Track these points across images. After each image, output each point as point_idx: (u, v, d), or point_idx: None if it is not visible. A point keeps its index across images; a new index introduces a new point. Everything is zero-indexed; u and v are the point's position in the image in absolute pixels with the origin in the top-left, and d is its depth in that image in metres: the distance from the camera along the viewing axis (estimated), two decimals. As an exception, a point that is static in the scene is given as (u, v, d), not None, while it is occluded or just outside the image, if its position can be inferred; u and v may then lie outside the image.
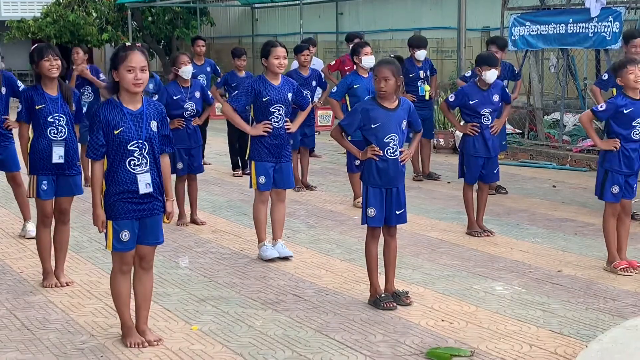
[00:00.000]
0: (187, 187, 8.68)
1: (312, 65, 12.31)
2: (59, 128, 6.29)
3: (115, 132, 4.87)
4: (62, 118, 6.30)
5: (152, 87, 10.46)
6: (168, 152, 5.14)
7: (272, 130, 6.98)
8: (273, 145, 7.01)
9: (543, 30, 12.63)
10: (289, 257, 7.15)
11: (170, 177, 5.30)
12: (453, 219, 8.68)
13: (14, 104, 7.17)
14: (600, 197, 6.73)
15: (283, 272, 6.79)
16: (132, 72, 4.84)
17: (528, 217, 8.83)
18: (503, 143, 9.99)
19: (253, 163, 7.05)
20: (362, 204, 5.95)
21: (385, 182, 5.81)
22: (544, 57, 13.63)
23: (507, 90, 8.38)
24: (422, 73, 10.73)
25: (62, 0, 25.86)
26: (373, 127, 5.76)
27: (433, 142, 12.68)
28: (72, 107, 6.37)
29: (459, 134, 8.25)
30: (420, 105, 10.20)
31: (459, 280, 6.51)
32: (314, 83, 10.41)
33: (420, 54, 10.68)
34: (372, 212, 5.83)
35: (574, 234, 8.02)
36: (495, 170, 8.08)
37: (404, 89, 5.92)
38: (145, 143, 4.93)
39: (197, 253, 7.45)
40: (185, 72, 8.48)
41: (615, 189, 6.63)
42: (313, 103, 10.54)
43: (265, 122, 6.98)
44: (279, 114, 7.01)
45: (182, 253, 7.41)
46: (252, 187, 7.13)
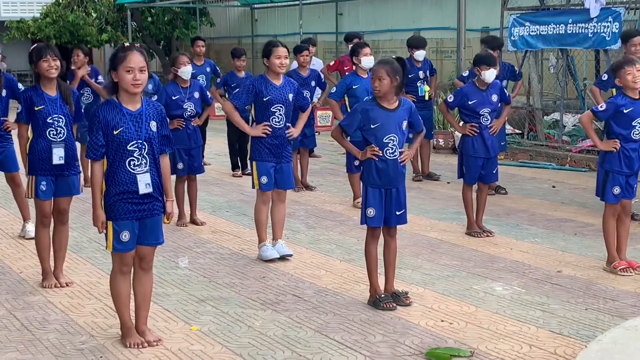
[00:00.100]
0: (186, 187, 8.68)
1: (312, 65, 12.31)
2: (58, 129, 6.29)
3: (115, 132, 4.87)
4: (61, 119, 6.30)
5: (151, 87, 10.46)
6: (168, 152, 5.15)
7: (271, 132, 6.99)
8: (274, 146, 7.02)
9: (542, 31, 12.63)
10: (289, 256, 7.15)
11: (170, 177, 5.30)
12: (453, 219, 8.68)
13: (13, 104, 7.17)
14: (602, 198, 6.73)
15: (283, 272, 6.79)
16: (131, 72, 4.84)
17: (528, 217, 8.83)
18: (502, 144, 9.99)
19: (254, 163, 7.05)
20: (361, 204, 5.96)
21: (385, 182, 5.81)
22: (544, 57, 13.64)
23: (505, 91, 8.38)
24: (421, 73, 10.73)
25: (61, 1, 25.87)
26: (372, 127, 5.76)
27: (432, 142, 12.68)
28: (71, 108, 6.37)
29: (459, 135, 8.25)
30: (420, 106, 10.18)
31: (459, 281, 6.51)
32: (313, 83, 10.39)
33: (419, 54, 10.68)
34: (371, 212, 5.83)
35: (574, 234, 8.02)
36: (495, 171, 8.08)
37: (404, 90, 5.90)
38: (145, 143, 4.93)
39: (196, 253, 7.44)
40: (185, 72, 8.48)
41: (617, 190, 6.63)
42: (312, 103, 10.54)
43: (265, 123, 6.98)
44: (280, 114, 7.01)
45: (181, 253, 7.41)
46: (254, 187, 7.13)
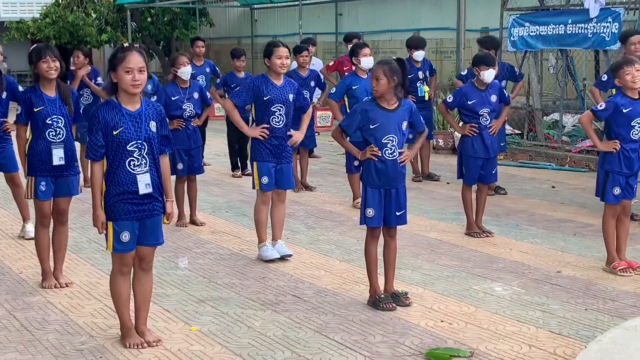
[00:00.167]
0: (186, 187, 8.68)
1: (312, 65, 12.32)
2: (57, 130, 6.28)
3: (115, 132, 4.87)
4: (60, 120, 6.29)
5: (150, 88, 10.45)
6: (167, 152, 5.15)
7: (271, 132, 6.98)
8: (274, 146, 7.01)
9: (542, 31, 12.63)
10: (289, 256, 7.15)
11: (170, 177, 5.31)
12: (452, 220, 8.68)
13: (12, 105, 7.17)
14: (602, 198, 6.73)
15: (282, 272, 6.79)
16: (130, 73, 4.84)
17: (527, 217, 8.83)
18: (502, 144, 9.98)
19: (255, 164, 7.04)
20: (360, 204, 5.96)
21: (384, 182, 5.81)
22: (543, 57, 13.64)
23: (505, 91, 8.38)
24: (420, 74, 10.73)
25: (61, 1, 25.88)
26: (372, 127, 5.76)
27: (432, 142, 12.68)
28: (71, 108, 6.36)
29: (458, 135, 8.25)
30: (420, 106, 10.15)
31: (458, 281, 6.51)
32: (313, 84, 10.40)
33: (418, 55, 10.68)
34: (370, 212, 5.83)
35: (573, 235, 8.02)
36: (494, 171, 8.08)
37: (405, 91, 5.89)
38: (145, 143, 4.93)
39: (196, 254, 7.44)
40: (184, 72, 8.48)
41: (617, 191, 6.63)
42: (312, 104, 10.54)
43: (264, 125, 6.97)
44: (280, 114, 7.00)
45: (181, 254, 7.41)
46: (254, 187, 7.13)
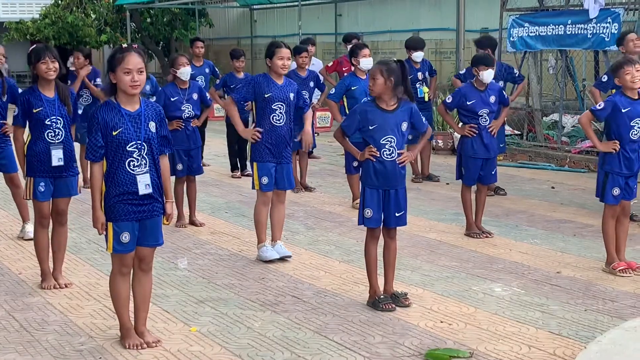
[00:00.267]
0: (186, 188, 8.68)
1: (312, 65, 12.32)
2: (56, 131, 6.27)
3: (114, 133, 4.87)
4: (59, 121, 6.28)
5: (148, 88, 10.44)
6: (167, 153, 5.15)
7: (271, 130, 6.95)
8: (274, 145, 7.00)
9: (542, 32, 12.64)
10: (288, 257, 7.15)
11: (170, 178, 5.30)
12: (452, 220, 8.68)
13: (11, 106, 7.17)
14: (601, 199, 6.73)
15: (282, 273, 6.79)
16: (129, 74, 4.84)
17: (527, 218, 8.83)
18: (501, 145, 9.96)
19: (255, 164, 7.03)
20: (359, 205, 5.95)
21: (383, 183, 5.80)
22: (543, 58, 13.65)
23: (504, 93, 8.37)
24: (420, 75, 10.72)
25: (60, 2, 25.89)
26: (370, 128, 5.76)
27: (432, 143, 12.68)
28: (69, 109, 6.35)
29: (458, 136, 8.25)
30: (419, 107, 10.11)
31: (458, 282, 6.51)
32: (312, 84, 10.40)
33: (417, 56, 10.67)
34: (368, 212, 5.82)
35: (573, 235, 8.02)
36: (494, 172, 8.07)
37: (407, 92, 5.88)
38: (144, 144, 4.93)
39: (195, 254, 7.44)
40: (184, 73, 8.49)
41: (616, 191, 6.63)
42: (312, 104, 10.54)
43: (257, 129, 6.99)
44: (280, 113, 7.00)
45: (180, 254, 7.41)
46: (254, 188, 7.12)
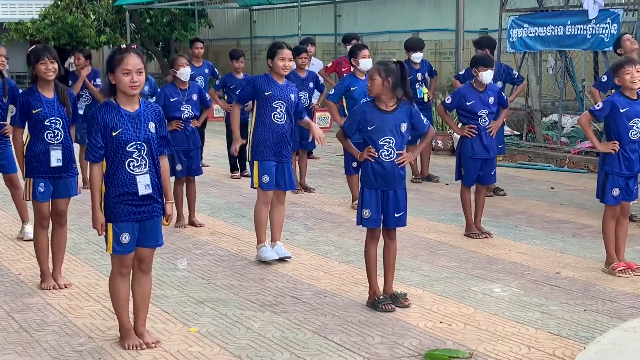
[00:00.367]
0: (185, 189, 8.68)
1: (312, 65, 12.34)
2: (56, 131, 6.27)
3: (114, 133, 4.87)
4: (58, 121, 6.28)
5: (147, 89, 10.44)
6: (166, 153, 5.15)
7: (272, 128, 6.94)
8: (275, 144, 6.98)
9: (541, 32, 12.64)
10: (288, 258, 7.14)
11: (169, 179, 5.30)
12: (451, 221, 8.68)
13: (11, 107, 7.17)
14: (602, 199, 6.72)
15: (281, 274, 6.79)
16: (128, 74, 4.84)
17: (526, 218, 8.83)
18: (500, 146, 9.94)
19: (256, 163, 7.00)
20: (358, 205, 5.95)
21: (381, 184, 5.80)
22: (542, 58, 13.65)
23: (503, 94, 8.37)
24: (419, 75, 10.73)
25: (60, 2, 25.90)
26: (369, 129, 5.77)
27: (432, 144, 12.68)
28: (69, 109, 6.35)
29: (457, 136, 8.25)
30: (419, 108, 10.16)
31: (457, 282, 6.51)
32: (311, 85, 10.41)
33: (417, 57, 10.67)
34: (367, 213, 5.82)
35: (572, 236, 8.02)
36: (493, 172, 8.07)
37: (404, 93, 5.88)
38: (144, 144, 4.93)
39: (195, 255, 7.44)
40: (183, 74, 8.49)
41: (616, 192, 6.62)
42: (311, 105, 10.55)
43: (241, 143, 7.31)
44: (281, 111, 6.98)
45: (180, 255, 7.41)
46: (254, 186, 7.07)
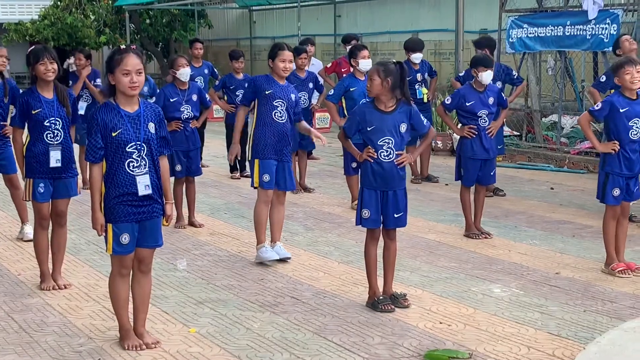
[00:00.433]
0: (185, 189, 8.68)
1: (312, 65, 12.35)
2: (55, 132, 6.27)
3: (113, 134, 4.87)
4: (58, 122, 6.28)
5: (146, 90, 10.44)
6: (166, 153, 5.15)
7: (273, 126, 6.94)
8: (276, 142, 6.97)
9: (541, 33, 12.64)
10: (288, 258, 7.14)
11: (169, 179, 5.30)
12: (451, 221, 8.68)
13: (11, 108, 7.17)
14: (602, 200, 6.72)
15: (281, 274, 6.79)
16: (128, 75, 4.84)
17: (526, 219, 8.83)
18: (500, 147, 9.93)
19: (257, 161, 6.97)
20: (357, 205, 5.95)
21: (380, 184, 5.80)
22: (542, 59, 13.65)
23: (503, 95, 8.37)
24: (419, 76, 10.73)
25: (59, 3, 25.91)
26: (369, 129, 5.77)
27: (431, 144, 12.68)
28: (68, 110, 6.35)
29: (457, 137, 8.25)
30: (418, 108, 10.16)
31: (457, 283, 6.51)
32: (311, 85, 10.42)
33: (416, 57, 10.68)
34: (366, 213, 5.83)
35: (572, 236, 8.03)
36: (492, 173, 8.07)
37: (404, 94, 5.88)
38: (144, 145, 4.93)
39: (194, 255, 7.44)
40: (183, 74, 8.49)
41: (616, 192, 6.62)
42: (311, 105, 10.55)
43: (237, 151, 7.29)
44: (282, 110, 6.98)
45: (180, 255, 7.41)
46: (254, 185, 7.05)
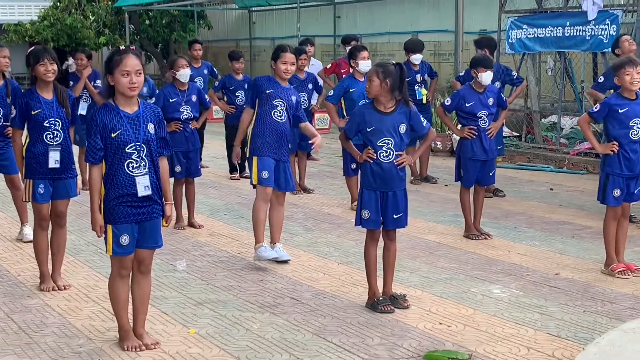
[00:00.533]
0: (184, 190, 8.68)
1: (311, 65, 12.35)
2: (55, 133, 6.27)
3: (113, 135, 4.87)
4: (57, 122, 6.28)
5: (145, 90, 10.44)
6: (166, 154, 5.15)
7: (272, 126, 6.94)
8: (275, 141, 6.96)
9: (540, 33, 12.64)
10: (287, 260, 7.14)
11: (169, 180, 5.30)
12: (451, 222, 8.68)
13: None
14: (603, 201, 6.71)
15: (280, 275, 6.79)
16: (127, 76, 4.84)
17: (526, 220, 8.83)
18: (499, 147, 9.92)
19: (255, 158, 6.95)
20: (357, 206, 5.95)
21: (380, 185, 5.80)
22: (541, 60, 13.65)
23: (502, 96, 8.38)
24: (418, 77, 10.73)
25: (59, 4, 25.89)
26: (368, 130, 5.77)
27: (431, 145, 12.67)
28: (68, 111, 6.35)
29: (457, 137, 8.25)
30: (418, 109, 10.15)
31: (457, 283, 6.51)
32: (310, 86, 10.44)
33: (416, 58, 10.68)
34: (366, 214, 5.83)
35: (572, 237, 8.03)
36: (492, 173, 8.08)
37: (402, 94, 5.88)
38: (143, 145, 4.93)
39: (194, 256, 7.44)
40: (183, 75, 8.49)
41: (617, 192, 6.61)
42: (311, 106, 10.55)
43: (238, 152, 7.36)
44: (281, 109, 6.97)
45: (179, 256, 7.41)
46: (252, 183, 7.03)
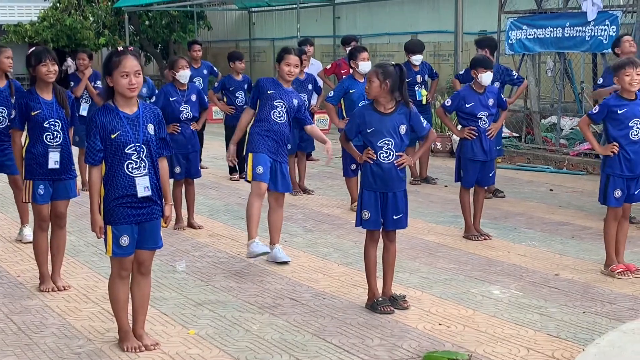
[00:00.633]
0: (184, 191, 8.68)
1: (311, 65, 12.35)
2: (55, 133, 6.27)
3: (112, 136, 4.87)
4: (57, 123, 6.28)
5: (145, 91, 10.44)
6: (165, 155, 5.14)
7: (271, 125, 6.93)
8: (272, 140, 6.96)
9: (540, 34, 12.64)
10: (287, 262, 7.13)
11: (169, 181, 5.30)
12: (450, 223, 8.68)
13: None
14: (604, 202, 6.70)
15: (280, 276, 6.79)
16: (126, 77, 4.83)
17: (525, 220, 8.83)
18: (498, 148, 9.92)
19: (250, 155, 6.94)
20: (357, 206, 5.96)
21: (380, 186, 5.81)
22: (541, 60, 13.65)
23: (502, 96, 8.38)
24: (419, 77, 10.74)
25: (59, 5, 25.87)
26: (368, 131, 5.78)
27: (431, 145, 12.66)
28: (67, 111, 6.35)
29: (456, 138, 8.25)
30: (417, 110, 10.15)
31: (456, 284, 6.51)
32: (310, 87, 10.44)
33: (416, 59, 10.68)
34: (366, 214, 5.83)
35: (571, 238, 8.03)
36: (491, 174, 8.08)
37: (402, 95, 5.88)
38: (143, 146, 4.93)
39: (194, 257, 7.44)
40: (183, 76, 8.50)
41: (618, 193, 6.61)
42: (310, 107, 10.56)
43: (233, 151, 7.25)
44: (281, 110, 6.97)
45: (179, 257, 7.41)
46: (247, 179, 7.02)
